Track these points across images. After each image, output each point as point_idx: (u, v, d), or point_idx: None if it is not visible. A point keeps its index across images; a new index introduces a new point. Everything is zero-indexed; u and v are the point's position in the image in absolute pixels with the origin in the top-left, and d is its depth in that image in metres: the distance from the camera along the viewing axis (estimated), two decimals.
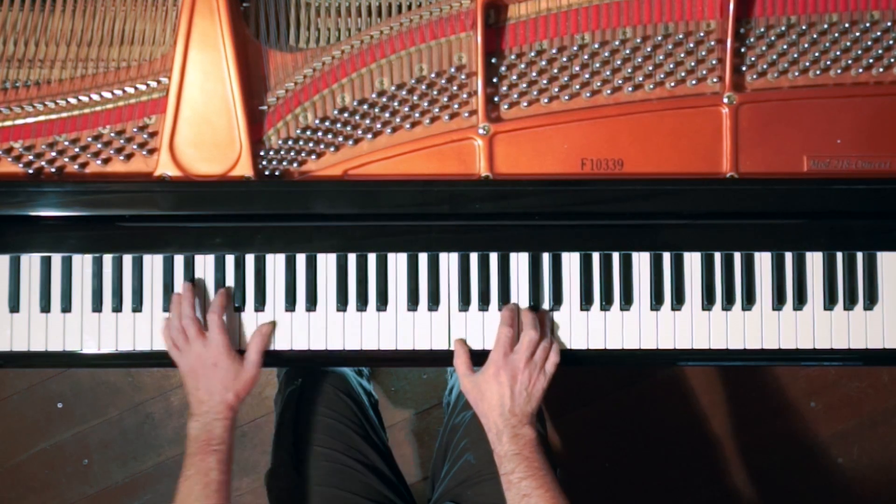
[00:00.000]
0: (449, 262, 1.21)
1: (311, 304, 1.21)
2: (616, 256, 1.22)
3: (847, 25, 1.18)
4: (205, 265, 1.21)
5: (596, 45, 1.19)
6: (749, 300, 1.21)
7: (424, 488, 1.78)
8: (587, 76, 1.18)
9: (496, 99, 1.19)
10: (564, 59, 1.19)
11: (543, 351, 1.15)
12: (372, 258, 1.21)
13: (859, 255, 1.22)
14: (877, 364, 1.26)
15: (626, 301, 1.21)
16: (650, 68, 1.19)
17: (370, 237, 1.20)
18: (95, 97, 1.17)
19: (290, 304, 1.20)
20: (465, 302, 1.21)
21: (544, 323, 1.19)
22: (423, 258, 1.21)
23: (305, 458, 1.31)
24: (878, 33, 1.19)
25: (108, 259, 1.20)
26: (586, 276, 1.21)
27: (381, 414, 1.52)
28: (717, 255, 1.22)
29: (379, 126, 1.18)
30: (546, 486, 1.07)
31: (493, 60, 1.19)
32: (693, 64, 1.18)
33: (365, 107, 1.18)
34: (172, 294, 1.19)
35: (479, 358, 1.18)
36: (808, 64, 1.18)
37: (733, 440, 2.06)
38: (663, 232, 1.21)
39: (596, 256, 1.22)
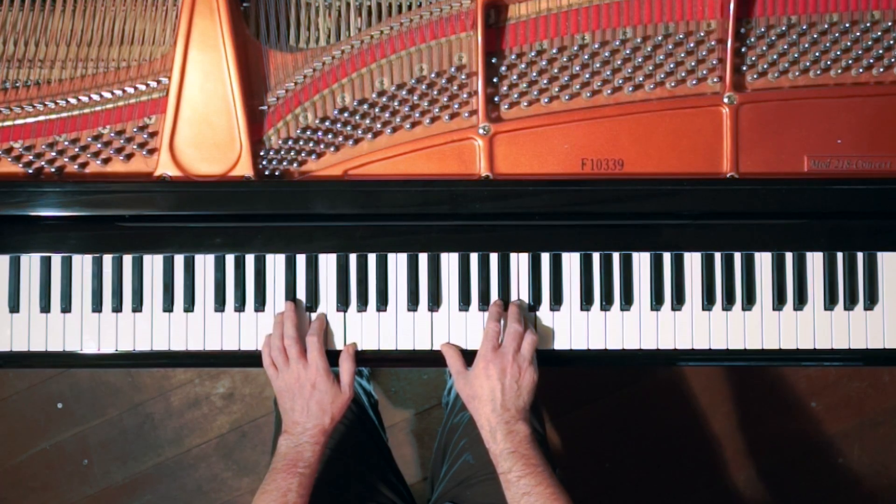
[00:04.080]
0: (449, 262, 1.21)
1: (312, 304, 1.21)
2: (616, 256, 1.22)
3: (847, 25, 1.18)
4: (205, 265, 1.21)
5: (596, 45, 1.19)
6: (749, 300, 1.21)
7: (424, 489, 1.78)
8: (587, 76, 1.18)
9: (496, 99, 1.19)
10: (565, 59, 1.19)
11: (530, 344, 1.15)
12: (372, 258, 1.21)
13: (860, 256, 1.22)
14: (877, 364, 1.26)
15: (627, 301, 1.21)
16: (650, 68, 1.19)
17: (370, 237, 1.20)
18: (95, 97, 1.17)
19: None
20: (465, 302, 1.21)
21: (526, 319, 1.19)
22: (423, 258, 1.21)
23: None
24: (879, 33, 1.19)
25: (108, 259, 1.20)
26: (586, 276, 1.21)
27: (381, 414, 1.52)
28: (718, 255, 1.22)
29: (379, 126, 1.18)
30: (545, 482, 1.07)
31: (494, 60, 1.19)
32: (693, 64, 1.18)
33: (365, 107, 1.18)
34: (276, 314, 1.20)
35: (471, 359, 1.18)
36: (808, 64, 1.18)
37: (733, 440, 2.06)
38: (663, 232, 1.21)
39: (596, 256, 1.22)
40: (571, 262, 1.22)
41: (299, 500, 1.10)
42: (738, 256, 1.22)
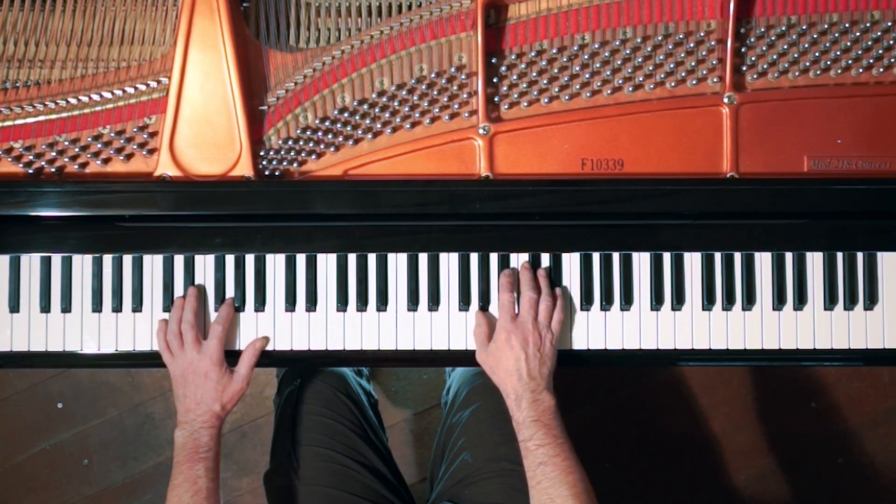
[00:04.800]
0: (449, 262, 1.21)
1: (311, 304, 1.21)
2: (616, 256, 1.22)
3: (847, 25, 1.18)
4: (205, 265, 1.21)
5: (596, 45, 1.19)
6: (749, 300, 1.21)
7: (424, 489, 1.78)
8: (587, 76, 1.18)
9: (496, 99, 1.19)
10: (565, 59, 1.19)
11: (546, 310, 1.15)
12: (372, 258, 1.21)
13: (859, 256, 1.22)
14: (877, 364, 1.26)
15: (627, 301, 1.21)
16: (650, 68, 1.19)
17: (370, 237, 1.20)
18: (95, 97, 1.17)
19: (290, 304, 1.21)
20: (465, 302, 1.21)
21: (543, 279, 1.19)
22: (423, 258, 1.21)
23: (304, 459, 1.31)
24: (879, 33, 1.19)
25: (108, 259, 1.20)
26: (586, 276, 1.21)
27: (381, 414, 1.52)
28: (718, 255, 1.22)
29: (379, 126, 1.18)
30: (563, 454, 1.08)
31: (494, 60, 1.18)
32: (693, 64, 1.18)
33: (365, 107, 1.18)
34: (176, 298, 1.19)
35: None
36: (808, 64, 1.18)
37: (733, 440, 2.06)
38: (663, 232, 1.21)
39: (596, 256, 1.22)
40: (571, 262, 1.22)
41: (210, 483, 1.11)
42: (738, 256, 1.22)
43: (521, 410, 1.11)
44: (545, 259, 1.22)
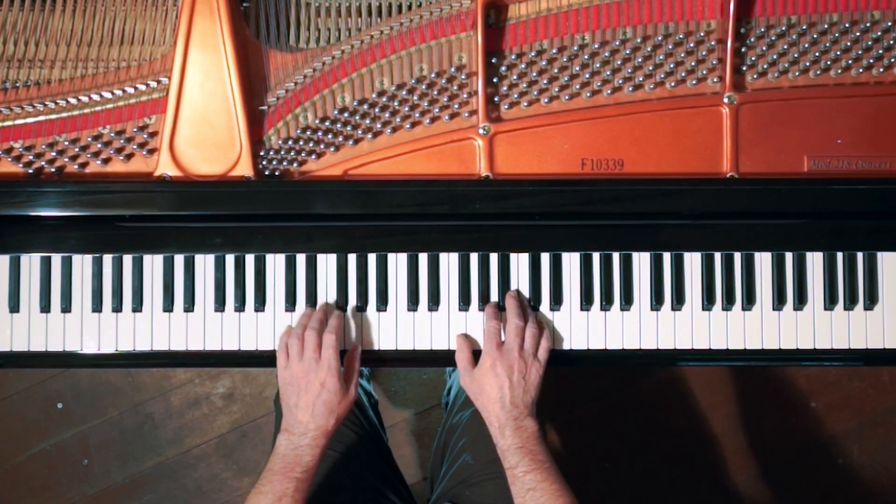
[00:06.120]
0: (449, 262, 1.21)
1: (312, 304, 1.21)
2: (616, 256, 1.22)
3: (847, 25, 1.18)
4: (205, 265, 1.21)
5: (596, 45, 1.19)
6: (749, 300, 1.21)
7: (424, 489, 1.78)
8: (587, 76, 1.18)
9: (496, 99, 1.19)
10: (565, 59, 1.19)
11: (532, 338, 1.15)
12: (372, 258, 1.21)
13: (860, 256, 1.22)
14: (877, 364, 1.26)
15: (627, 301, 1.21)
16: (650, 68, 1.19)
17: (370, 237, 1.20)
18: (95, 97, 1.17)
19: (291, 304, 1.21)
20: (465, 302, 1.21)
21: (525, 307, 1.19)
22: (423, 258, 1.21)
23: None
24: (879, 33, 1.19)
25: (108, 259, 1.20)
26: (586, 276, 1.21)
27: (381, 414, 1.52)
28: (718, 255, 1.22)
29: (379, 126, 1.18)
30: (551, 478, 1.08)
31: (494, 60, 1.19)
32: (693, 64, 1.18)
33: (365, 107, 1.18)
34: (306, 308, 1.19)
35: (477, 357, 1.18)
36: (808, 64, 1.18)
37: (733, 440, 2.06)
38: (663, 232, 1.21)
39: (596, 256, 1.22)
40: (571, 262, 1.22)
41: None
42: (738, 256, 1.22)
43: (505, 438, 1.11)
44: (545, 259, 1.22)
